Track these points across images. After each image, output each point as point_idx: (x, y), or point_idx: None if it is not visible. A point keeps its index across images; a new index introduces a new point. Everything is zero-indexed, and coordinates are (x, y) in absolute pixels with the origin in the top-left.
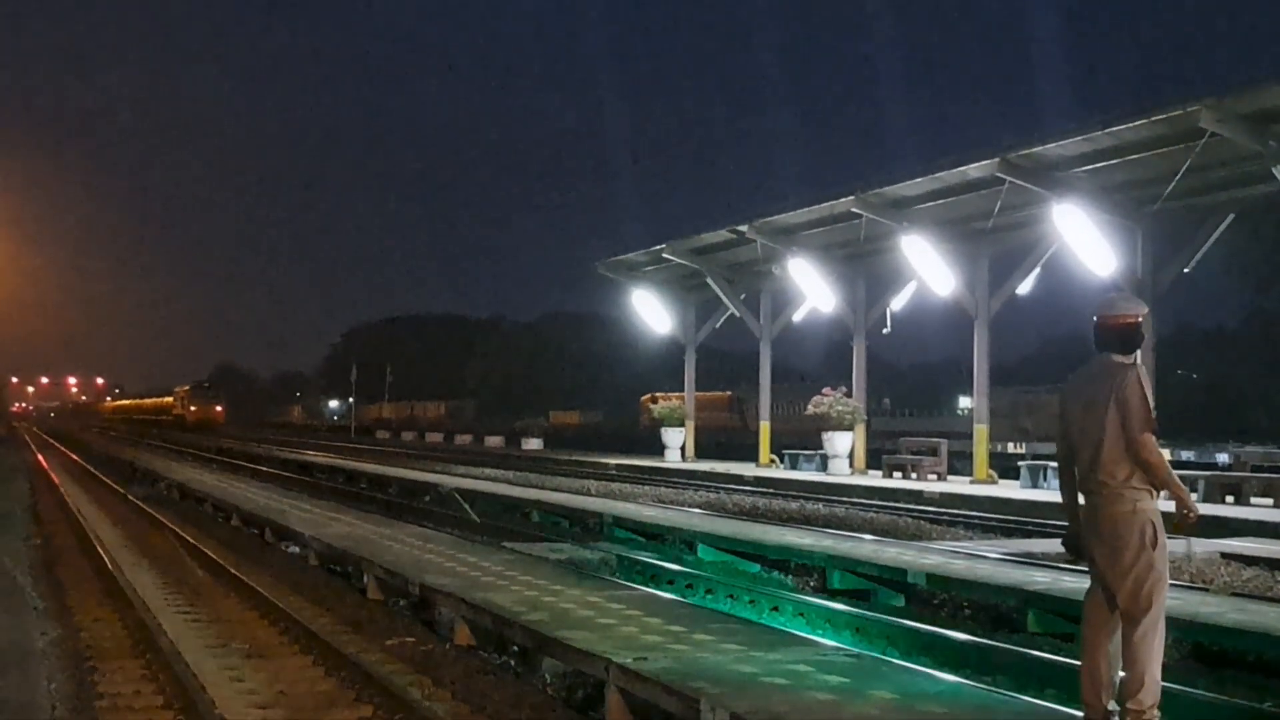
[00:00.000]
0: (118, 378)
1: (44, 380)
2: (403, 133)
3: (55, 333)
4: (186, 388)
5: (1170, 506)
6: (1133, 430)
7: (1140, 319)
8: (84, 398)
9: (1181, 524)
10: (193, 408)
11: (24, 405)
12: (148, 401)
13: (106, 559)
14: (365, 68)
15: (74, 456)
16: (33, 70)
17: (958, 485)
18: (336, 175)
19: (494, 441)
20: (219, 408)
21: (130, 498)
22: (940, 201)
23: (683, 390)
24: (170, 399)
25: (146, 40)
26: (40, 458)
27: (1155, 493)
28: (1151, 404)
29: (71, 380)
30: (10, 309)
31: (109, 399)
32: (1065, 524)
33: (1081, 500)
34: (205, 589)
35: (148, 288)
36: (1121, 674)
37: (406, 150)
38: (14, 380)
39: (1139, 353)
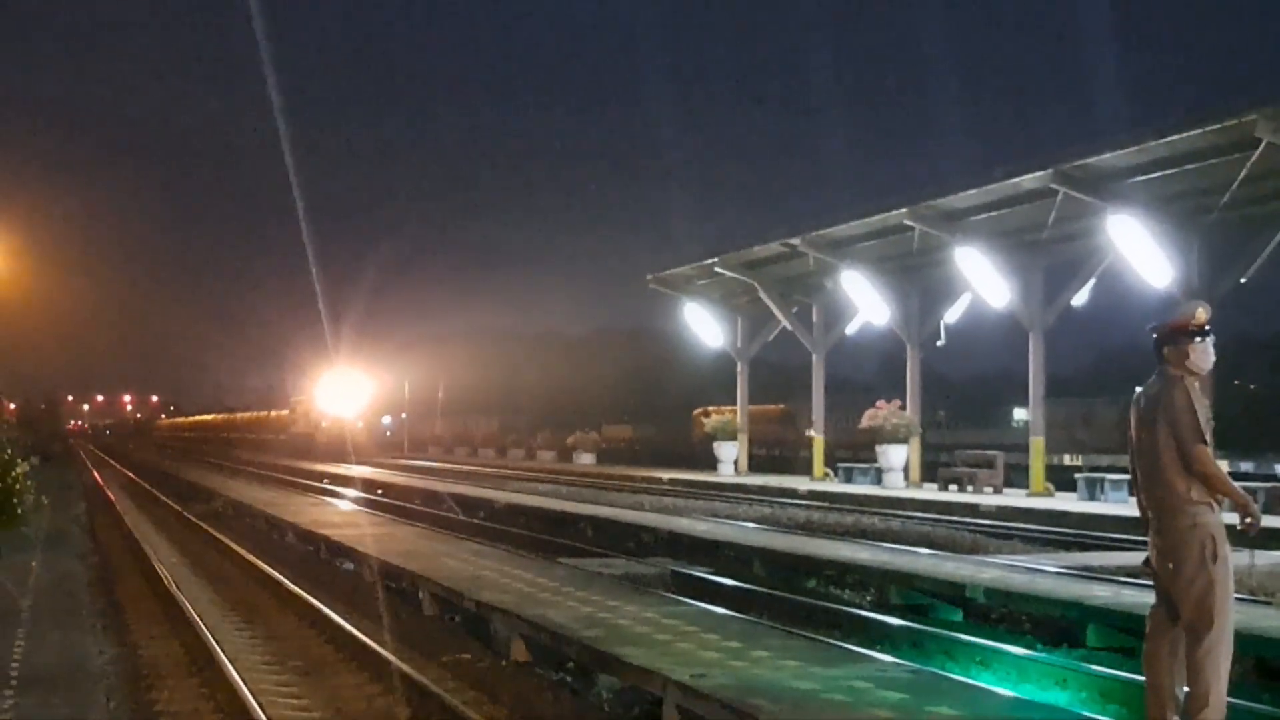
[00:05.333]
0: (171, 396)
1: (99, 399)
2: (450, 146)
3: (107, 351)
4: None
5: (1235, 519)
6: (1184, 444)
7: (1190, 323)
8: (138, 415)
9: (1246, 531)
10: (324, 424)
11: (79, 423)
12: (241, 416)
13: (163, 577)
14: (405, 77)
15: (131, 475)
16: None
17: (1014, 498)
18: (389, 187)
19: (546, 456)
20: (360, 424)
21: (186, 515)
22: (994, 213)
23: (735, 404)
24: (286, 413)
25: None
26: (96, 475)
27: (1217, 506)
28: (1203, 416)
29: (126, 398)
30: (63, 328)
31: (163, 416)
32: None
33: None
34: (261, 606)
35: (198, 307)
36: (1185, 689)
37: (455, 165)
38: (69, 399)
39: (1198, 361)
